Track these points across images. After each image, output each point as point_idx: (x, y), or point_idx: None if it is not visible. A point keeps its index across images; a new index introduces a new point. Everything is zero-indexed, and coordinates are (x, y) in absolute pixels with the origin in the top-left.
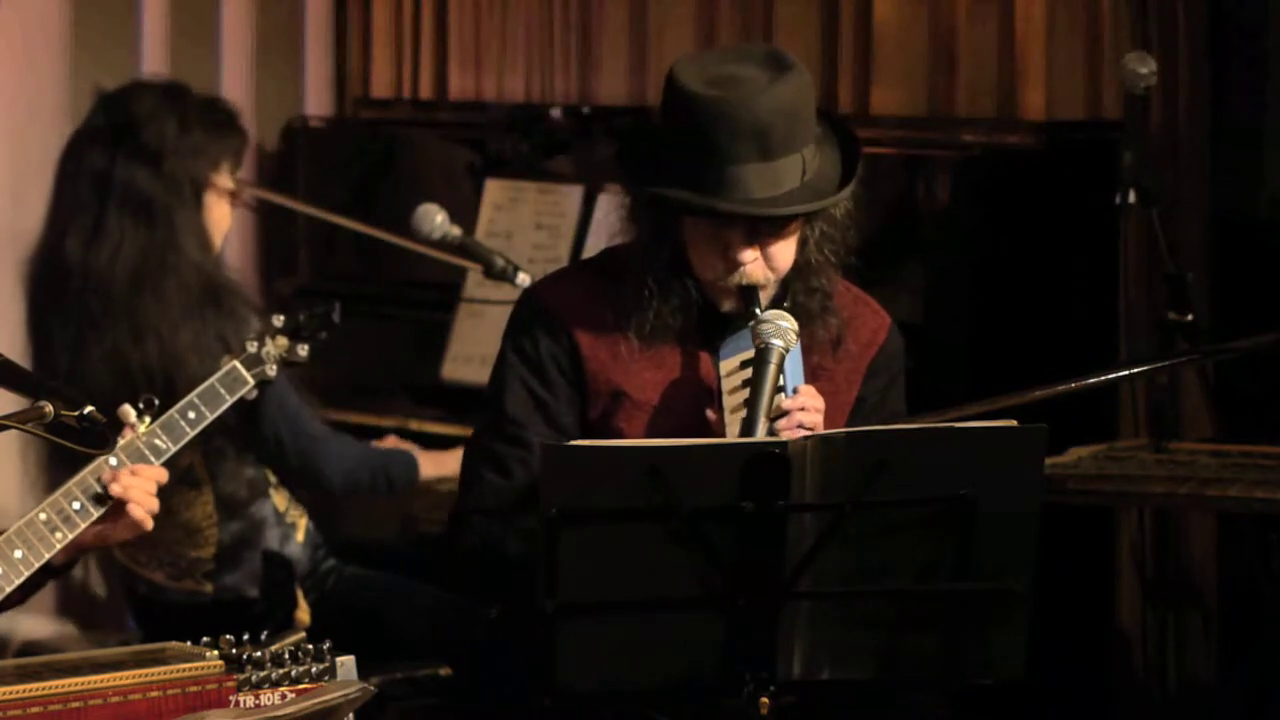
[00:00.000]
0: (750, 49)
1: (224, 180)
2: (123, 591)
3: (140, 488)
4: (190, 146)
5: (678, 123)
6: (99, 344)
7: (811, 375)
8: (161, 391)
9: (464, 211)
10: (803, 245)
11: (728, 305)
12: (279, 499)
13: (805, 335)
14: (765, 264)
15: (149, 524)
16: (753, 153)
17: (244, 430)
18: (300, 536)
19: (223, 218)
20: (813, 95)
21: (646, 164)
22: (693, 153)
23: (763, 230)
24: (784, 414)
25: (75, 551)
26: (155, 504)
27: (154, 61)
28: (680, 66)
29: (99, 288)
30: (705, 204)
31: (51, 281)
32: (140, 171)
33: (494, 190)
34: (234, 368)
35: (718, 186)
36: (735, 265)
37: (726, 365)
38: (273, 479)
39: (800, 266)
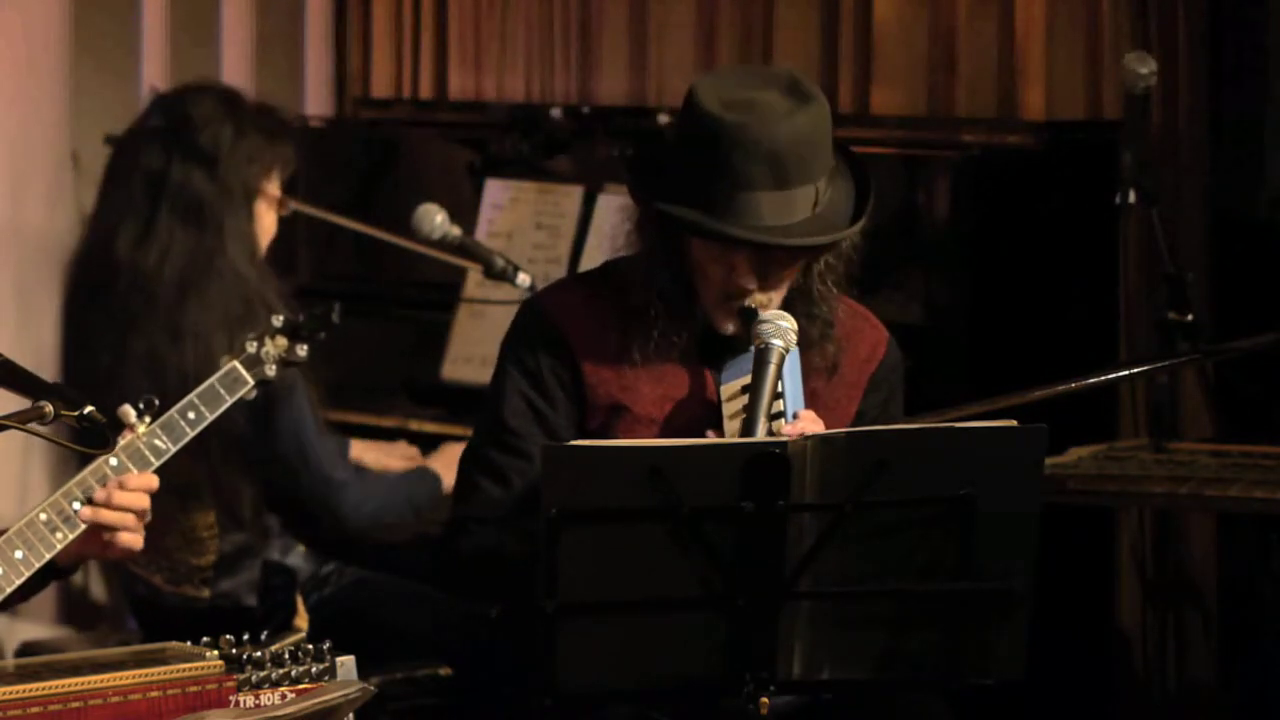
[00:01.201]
0: (773, 72)
1: (273, 188)
2: (123, 591)
3: (120, 511)
4: (245, 152)
5: (694, 143)
6: (139, 344)
7: (809, 398)
8: None
9: (464, 211)
10: (806, 272)
11: (729, 328)
12: None
13: (802, 360)
14: (767, 291)
15: (138, 545)
16: (768, 180)
17: (257, 459)
18: (303, 546)
19: (270, 226)
20: (830, 127)
21: (657, 178)
22: (707, 174)
23: (771, 258)
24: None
25: (77, 558)
26: (139, 528)
27: (154, 61)
28: (701, 86)
29: (144, 288)
30: (717, 228)
31: (97, 280)
32: (195, 174)
33: (494, 190)
34: (234, 368)
35: (730, 210)
36: (739, 289)
37: (728, 389)
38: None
39: (803, 292)
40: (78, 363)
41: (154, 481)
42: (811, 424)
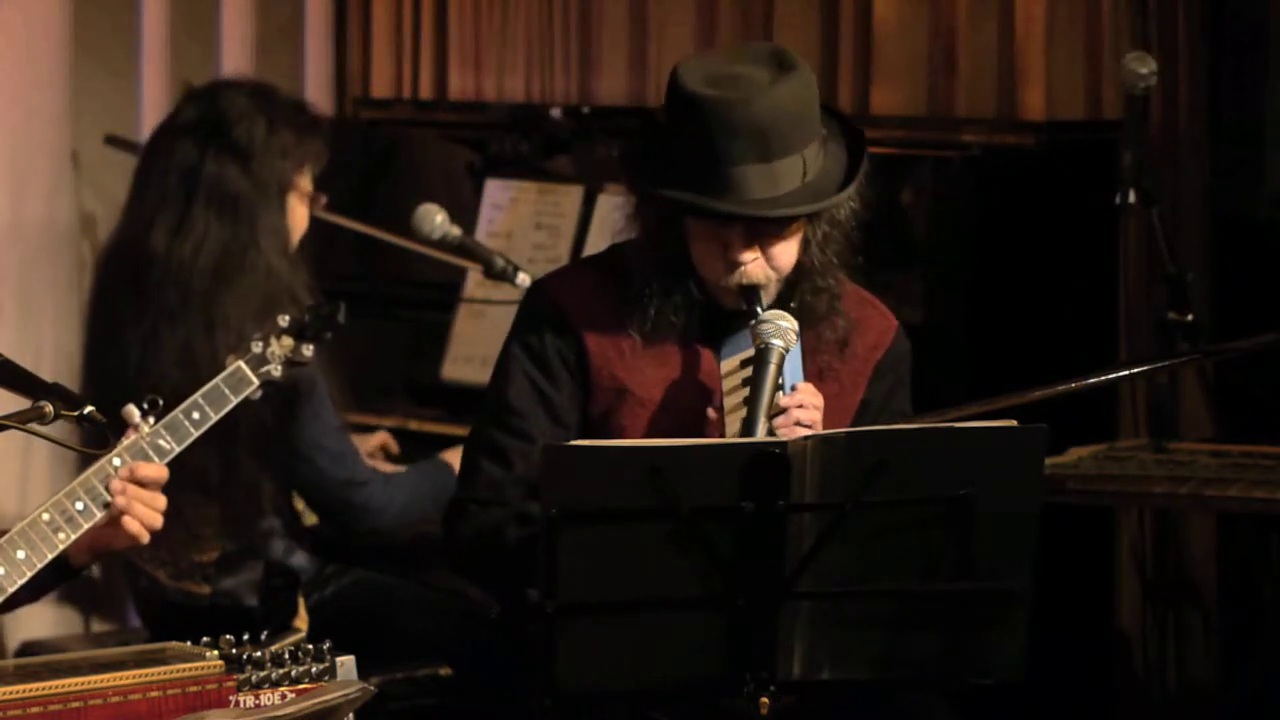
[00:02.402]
0: (755, 48)
1: (305, 183)
2: (127, 584)
3: (141, 500)
4: (278, 147)
5: (679, 123)
6: (172, 336)
7: (819, 375)
8: None
9: (464, 211)
10: (806, 246)
11: (730, 303)
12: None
13: (812, 336)
14: (766, 264)
15: (145, 538)
16: (751, 154)
17: (279, 454)
18: (306, 549)
19: (302, 220)
20: (815, 95)
21: (650, 163)
22: (694, 153)
23: (763, 231)
24: (781, 411)
25: (90, 554)
26: (157, 520)
27: (154, 61)
28: (684, 66)
29: (179, 279)
30: (704, 205)
31: (130, 273)
32: (229, 168)
33: (494, 190)
34: (239, 368)
35: (718, 187)
36: (735, 265)
37: (727, 365)
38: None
39: (805, 267)
40: (108, 356)
41: (164, 473)
42: (810, 395)
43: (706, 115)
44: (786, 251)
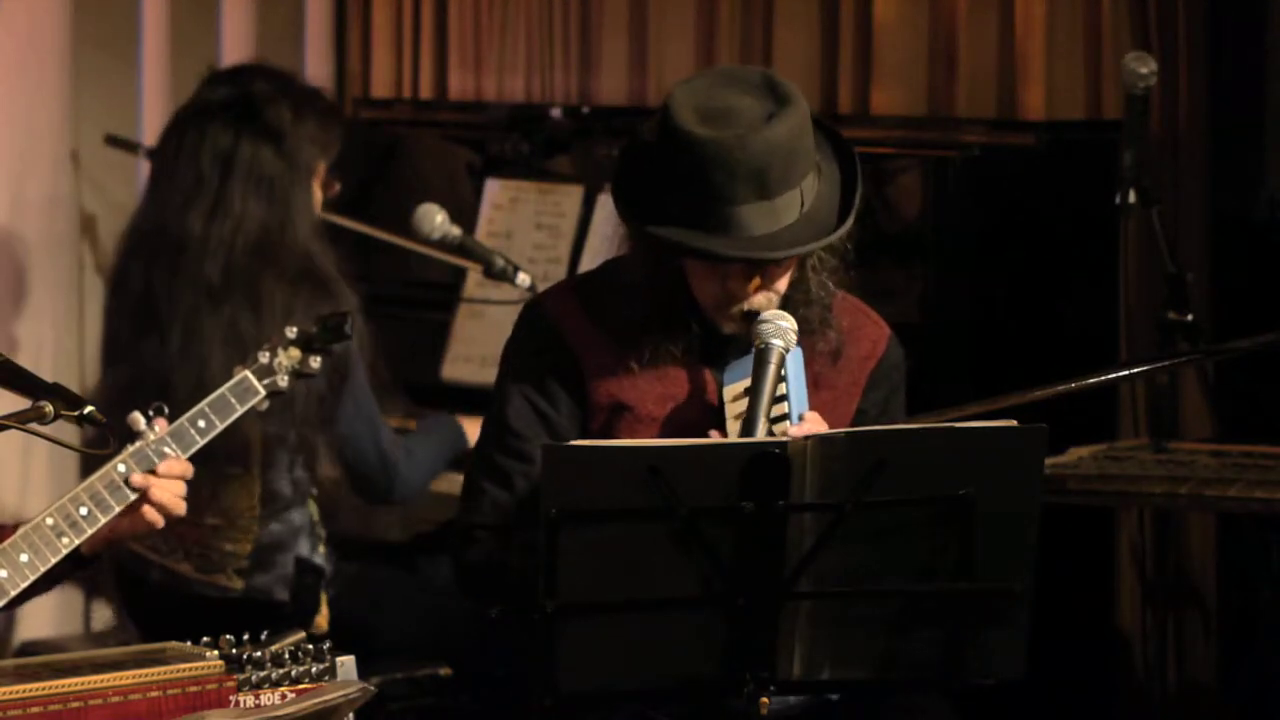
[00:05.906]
0: (746, 74)
1: (323, 169)
2: (126, 580)
3: (163, 485)
4: (306, 132)
5: (674, 160)
6: (215, 313)
7: (813, 385)
8: None
9: (464, 211)
10: (801, 264)
11: (730, 328)
12: (314, 507)
13: (805, 348)
14: (766, 291)
15: (160, 524)
16: (751, 193)
17: (316, 430)
18: (323, 546)
19: (318, 205)
20: (809, 125)
21: (642, 195)
22: (690, 192)
23: (762, 265)
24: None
25: (105, 543)
26: (180, 506)
27: (154, 62)
28: (675, 98)
29: (219, 258)
30: (704, 248)
31: (165, 255)
32: (264, 150)
33: (494, 190)
34: (245, 377)
35: (716, 226)
36: (736, 298)
37: (731, 390)
38: (313, 489)
39: (799, 283)
40: (143, 341)
41: (189, 469)
42: (816, 425)
43: (703, 156)
44: (786, 279)
